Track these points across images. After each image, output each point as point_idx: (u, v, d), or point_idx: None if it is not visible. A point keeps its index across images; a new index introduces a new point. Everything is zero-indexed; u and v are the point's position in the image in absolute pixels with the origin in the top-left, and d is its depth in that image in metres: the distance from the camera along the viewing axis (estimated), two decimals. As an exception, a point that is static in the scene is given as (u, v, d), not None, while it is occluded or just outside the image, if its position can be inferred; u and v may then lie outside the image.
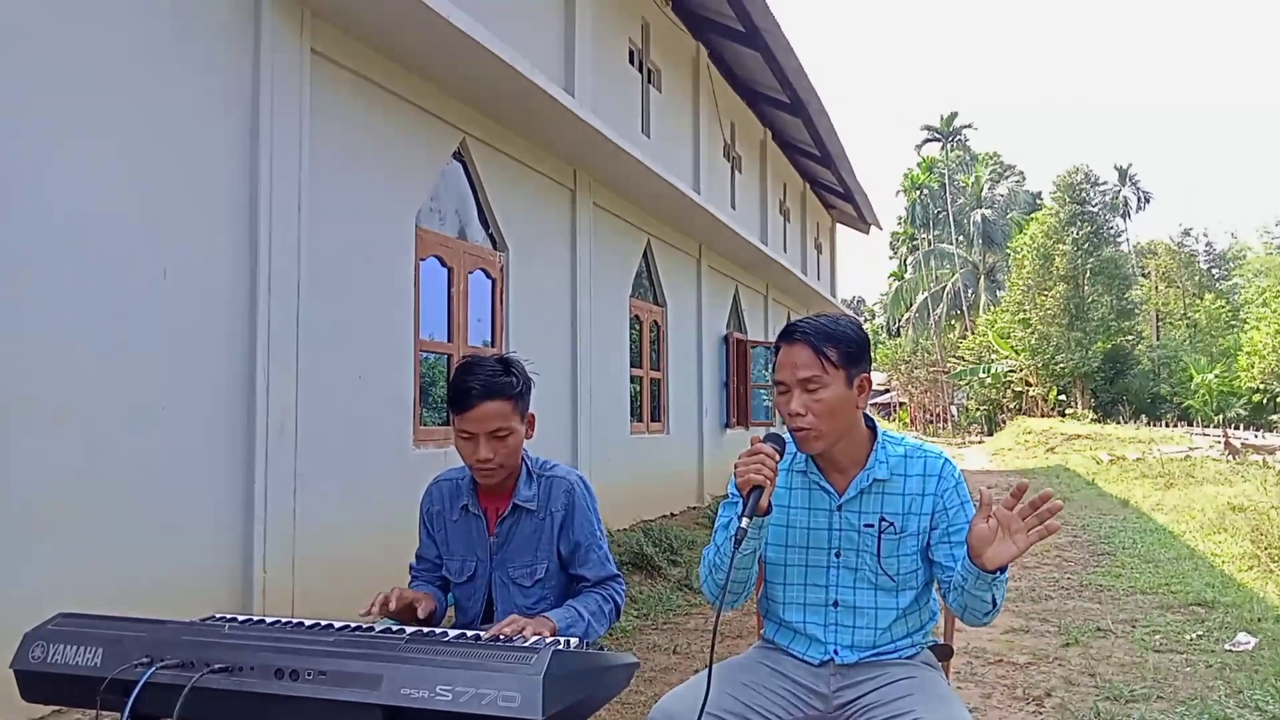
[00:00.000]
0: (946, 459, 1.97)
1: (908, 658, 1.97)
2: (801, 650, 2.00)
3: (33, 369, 3.28)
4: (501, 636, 1.71)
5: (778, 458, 1.82)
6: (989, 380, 37.95)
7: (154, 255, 3.77)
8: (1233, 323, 36.23)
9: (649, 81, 9.83)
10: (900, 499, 1.94)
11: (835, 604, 1.98)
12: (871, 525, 1.94)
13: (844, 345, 1.87)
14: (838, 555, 1.97)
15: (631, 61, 9.41)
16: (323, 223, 4.70)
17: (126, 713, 1.42)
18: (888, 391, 50.14)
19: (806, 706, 1.95)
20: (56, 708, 3.16)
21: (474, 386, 2.10)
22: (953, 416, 44.92)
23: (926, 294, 48.93)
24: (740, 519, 1.75)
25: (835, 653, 1.96)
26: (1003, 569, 1.72)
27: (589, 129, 6.72)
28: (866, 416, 1.98)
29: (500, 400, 2.11)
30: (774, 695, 1.94)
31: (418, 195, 5.66)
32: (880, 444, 1.96)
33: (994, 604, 1.79)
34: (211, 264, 4.06)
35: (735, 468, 1.81)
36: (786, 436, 1.93)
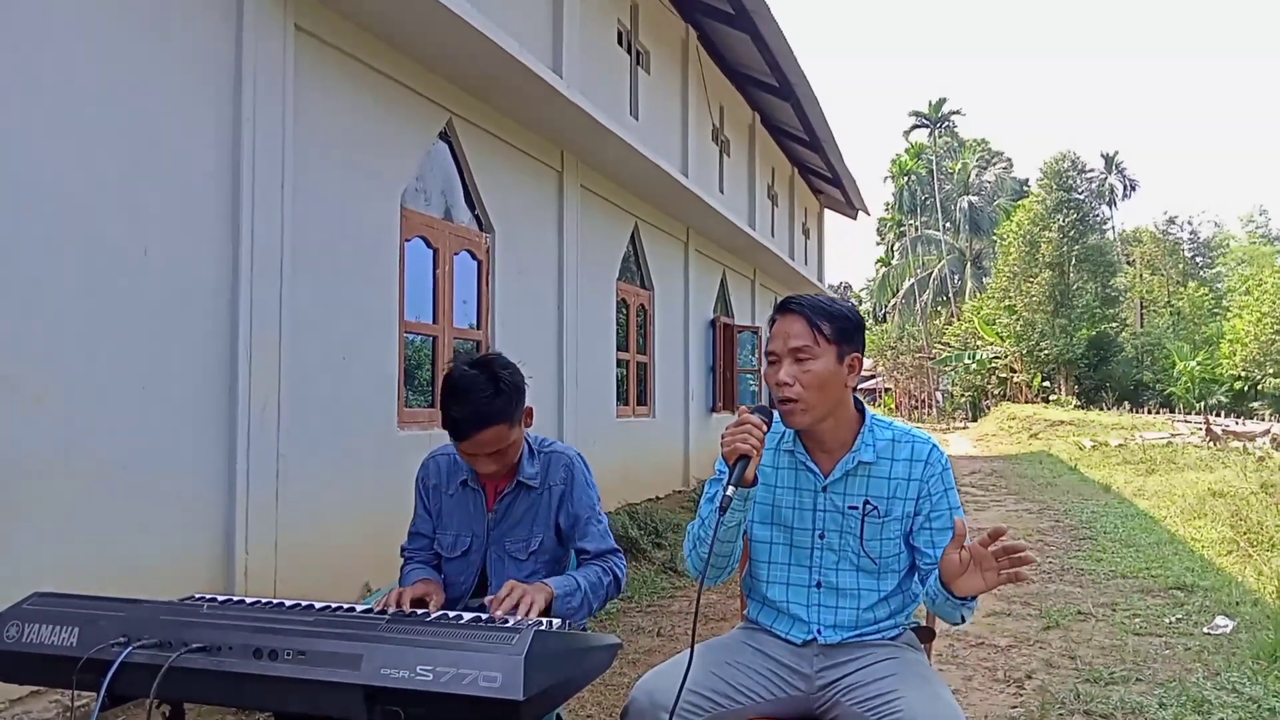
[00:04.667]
0: (935, 445, 1.97)
1: (890, 639, 1.98)
2: (785, 630, 2.00)
3: (12, 347, 3.24)
4: (498, 608, 1.79)
5: (765, 428, 1.82)
6: (974, 366, 38.19)
7: (135, 233, 3.72)
8: (1216, 310, 36.56)
9: (638, 63, 9.76)
10: (886, 483, 1.94)
11: (819, 584, 1.98)
12: (855, 508, 1.94)
13: (838, 322, 1.88)
14: (821, 536, 1.97)
15: (620, 43, 9.34)
16: (306, 202, 4.65)
17: (102, 693, 1.40)
18: (873, 377, 50.32)
19: (789, 686, 1.95)
20: (33, 688, 3.14)
21: (466, 419, 2.03)
22: (938, 402, 45.19)
23: (913, 280, 49.06)
24: (725, 487, 1.75)
25: (818, 632, 1.96)
26: (973, 596, 1.74)
27: (577, 110, 6.67)
28: (856, 399, 1.98)
29: (495, 426, 2.05)
30: (757, 675, 1.94)
31: (403, 175, 5.61)
32: (868, 427, 1.96)
33: (962, 619, 1.83)
34: (193, 243, 4.01)
35: (722, 437, 1.81)
36: (776, 413, 1.93)
